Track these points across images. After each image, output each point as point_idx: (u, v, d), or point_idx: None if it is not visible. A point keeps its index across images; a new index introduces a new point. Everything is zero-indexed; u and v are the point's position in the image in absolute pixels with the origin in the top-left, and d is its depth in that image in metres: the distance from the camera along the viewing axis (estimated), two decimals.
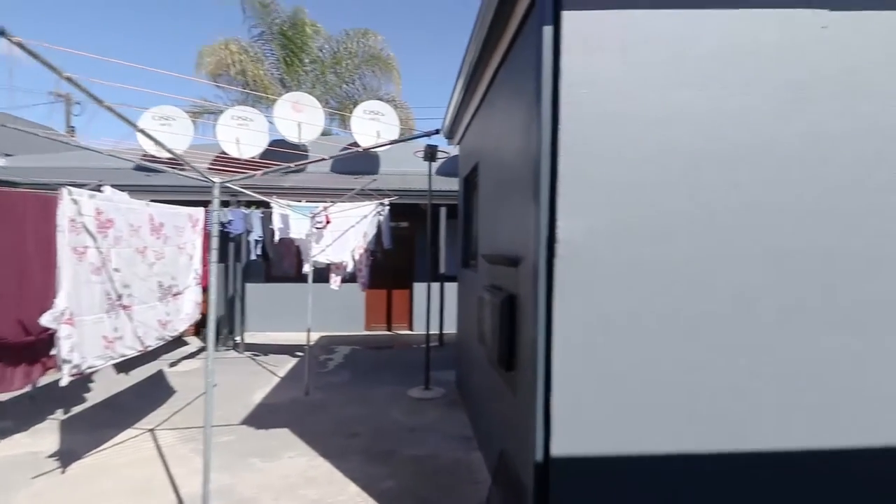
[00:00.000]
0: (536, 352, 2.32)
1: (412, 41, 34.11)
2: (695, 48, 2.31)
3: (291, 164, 3.06)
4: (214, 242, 2.98)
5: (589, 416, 2.27)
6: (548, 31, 2.33)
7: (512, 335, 2.97)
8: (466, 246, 5.67)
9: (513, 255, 3.04)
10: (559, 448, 2.26)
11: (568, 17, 2.28)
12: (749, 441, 2.30)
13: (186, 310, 4.64)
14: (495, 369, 3.39)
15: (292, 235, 6.37)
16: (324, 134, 10.71)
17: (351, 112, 9.93)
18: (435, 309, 8.20)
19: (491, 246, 3.96)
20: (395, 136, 9.17)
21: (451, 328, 7.63)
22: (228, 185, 4.30)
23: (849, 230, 2.31)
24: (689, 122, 2.29)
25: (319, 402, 5.56)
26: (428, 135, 3.44)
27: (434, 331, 8.43)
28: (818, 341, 2.30)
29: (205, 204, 4.17)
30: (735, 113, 2.30)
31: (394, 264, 9.74)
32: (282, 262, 9.41)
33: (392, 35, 28.51)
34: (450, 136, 6.40)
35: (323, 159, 3.70)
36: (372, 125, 9.10)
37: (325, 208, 6.16)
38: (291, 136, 8.83)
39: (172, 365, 7.24)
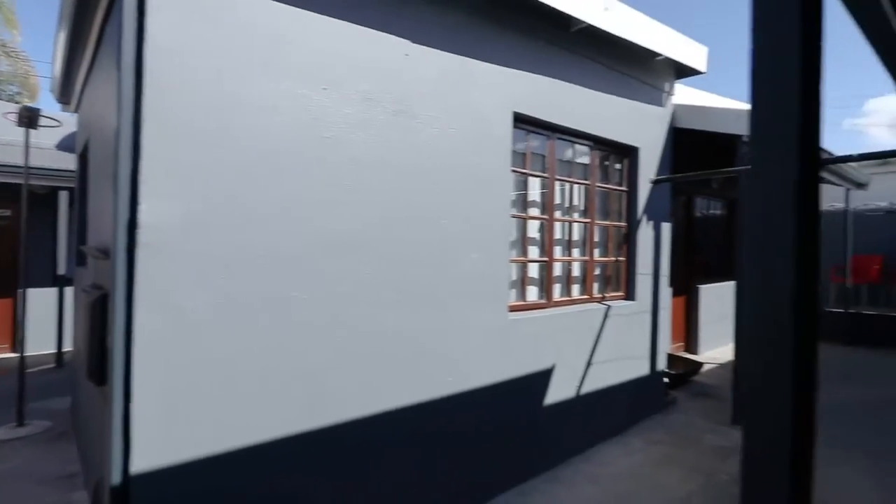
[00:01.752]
0: (115, 356, 1.98)
1: None
2: (296, 44, 2.41)
3: None
4: None
5: (177, 424, 2.08)
6: None
7: (104, 341, 2.49)
8: (82, 238, 4.59)
9: (107, 247, 2.55)
10: (141, 464, 1.99)
11: None
12: (329, 415, 2.53)
13: None
14: (92, 384, 2.80)
15: None
16: None
17: None
18: (48, 320, 6.43)
19: (95, 237, 3.28)
20: None
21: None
22: None
23: (407, 225, 2.84)
24: (281, 114, 2.35)
25: None
26: None
27: (51, 348, 6.63)
28: (381, 318, 2.76)
29: None
30: (321, 112, 2.48)
31: None
32: None
33: None
34: (63, 99, 5.07)
35: None
36: None
37: None
38: None
39: None
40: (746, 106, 4.02)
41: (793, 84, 0.55)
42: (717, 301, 7.30)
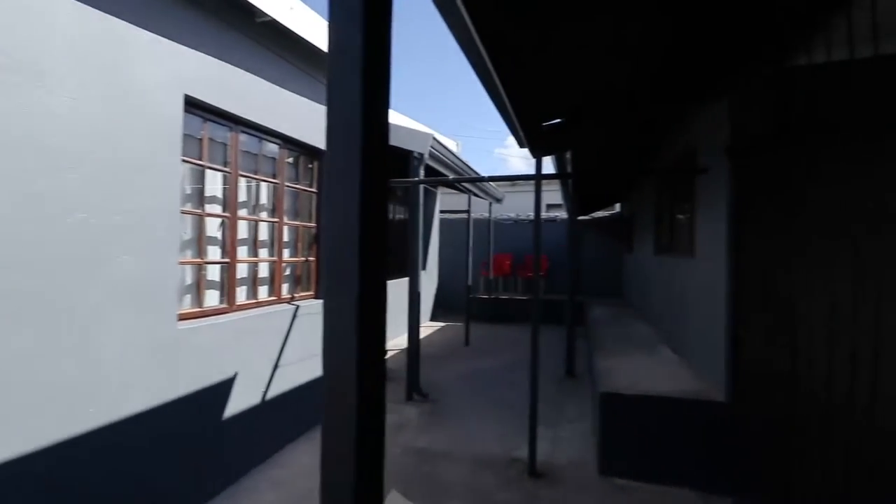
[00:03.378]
0: None
1: None
2: None
3: None
4: None
5: None
6: None
7: None
8: None
9: None
10: None
11: None
12: None
13: None
14: None
15: None
16: None
17: None
18: None
19: None
20: None
21: None
22: None
23: (25, 219, 2.20)
24: None
25: None
26: None
27: None
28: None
29: None
30: None
31: None
32: None
33: None
34: None
35: None
36: None
37: None
38: None
39: None
40: (419, 125, 4.69)
41: (358, 113, 0.60)
42: (400, 294, 8.31)
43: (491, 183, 9.27)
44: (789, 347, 2.41)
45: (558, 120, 3.53)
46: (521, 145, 3.66)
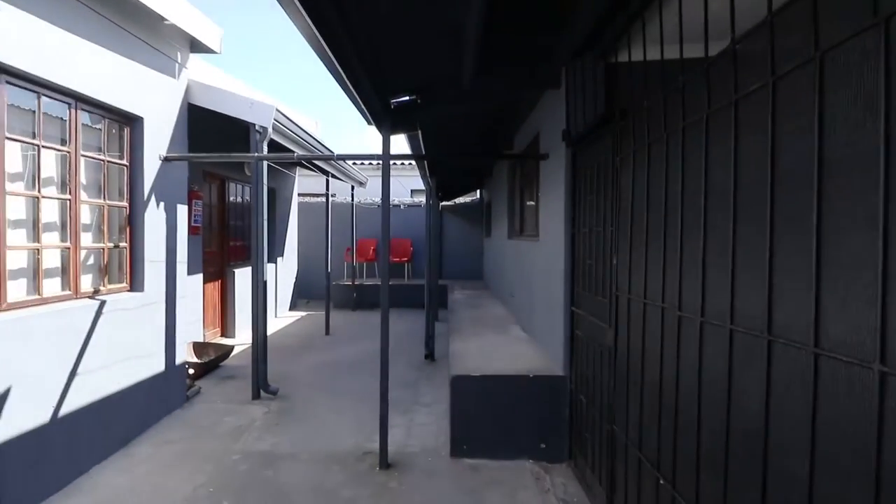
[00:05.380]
0: None
1: None
2: None
3: None
4: None
5: None
6: None
7: None
8: None
9: None
10: None
11: None
12: None
13: None
14: None
15: None
16: None
17: None
18: None
19: None
20: None
21: None
22: None
23: None
24: None
25: None
26: None
27: None
28: None
29: None
30: None
31: None
32: None
33: None
34: None
35: None
36: None
37: None
38: None
39: None
40: (261, 95, 4.14)
41: None
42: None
43: (353, 166, 8.91)
44: (612, 323, 2.57)
45: (406, 98, 3.38)
46: (369, 122, 3.44)
